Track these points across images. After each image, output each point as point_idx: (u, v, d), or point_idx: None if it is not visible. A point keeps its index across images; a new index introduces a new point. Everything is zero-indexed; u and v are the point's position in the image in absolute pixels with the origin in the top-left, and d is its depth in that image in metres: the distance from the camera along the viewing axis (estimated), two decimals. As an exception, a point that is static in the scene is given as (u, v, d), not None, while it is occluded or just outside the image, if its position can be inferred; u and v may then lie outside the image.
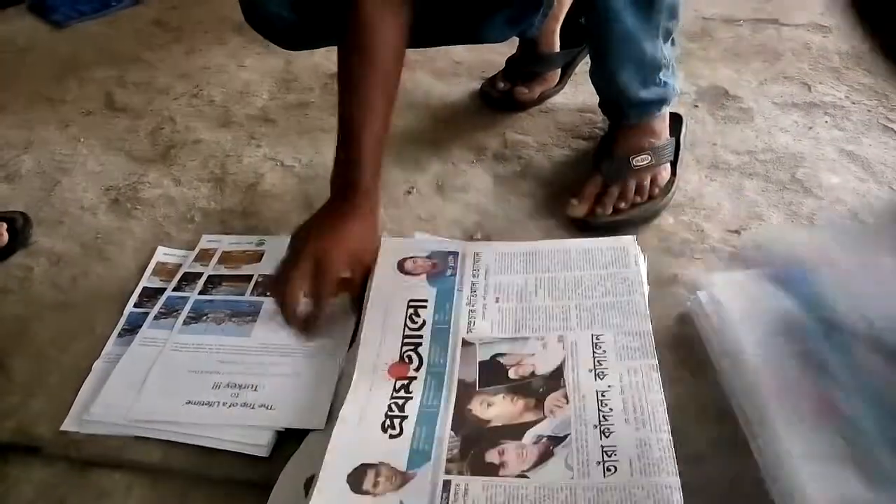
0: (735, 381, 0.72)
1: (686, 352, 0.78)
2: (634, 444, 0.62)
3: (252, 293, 0.86)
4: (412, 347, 0.74)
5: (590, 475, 0.61)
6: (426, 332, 0.76)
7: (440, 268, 0.83)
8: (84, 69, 1.39)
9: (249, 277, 0.88)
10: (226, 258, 0.92)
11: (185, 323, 0.83)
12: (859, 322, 0.69)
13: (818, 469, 0.62)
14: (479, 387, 0.71)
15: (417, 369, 0.72)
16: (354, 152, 0.81)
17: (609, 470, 0.61)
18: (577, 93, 1.19)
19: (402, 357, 0.74)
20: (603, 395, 0.67)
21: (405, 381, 0.71)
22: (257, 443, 0.70)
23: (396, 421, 0.67)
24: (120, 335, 0.83)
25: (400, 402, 0.69)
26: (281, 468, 0.67)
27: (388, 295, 0.80)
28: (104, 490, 0.69)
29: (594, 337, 0.73)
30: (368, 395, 0.70)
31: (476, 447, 0.65)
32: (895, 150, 1.06)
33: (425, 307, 0.78)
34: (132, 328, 0.83)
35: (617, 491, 0.59)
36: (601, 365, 0.71)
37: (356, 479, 0.62)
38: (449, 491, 0.61)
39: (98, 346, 0.82)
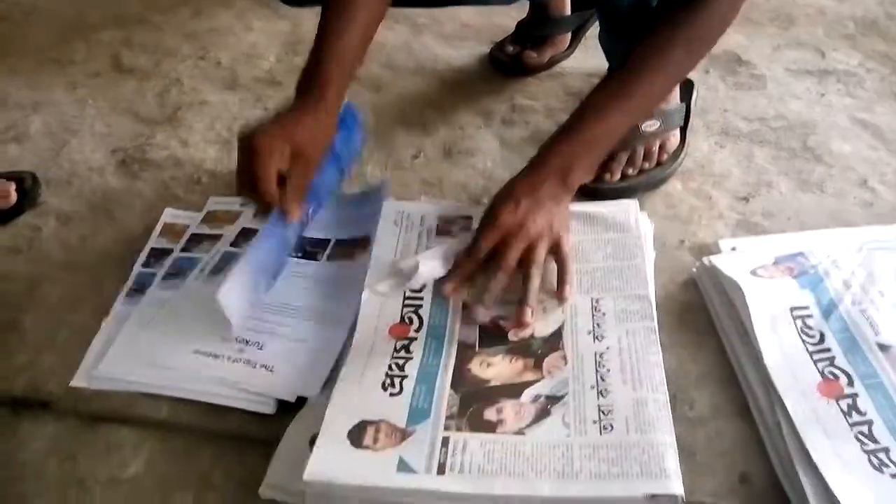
0: (738, 347, 0.72)
1: (691, 317, 0.78)
2: (631, 404, 0.63)
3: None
4: (413, 309, 0.75)
5: (586, 433, 0.61)
6: (427, 293, 0.76)
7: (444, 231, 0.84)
8: (91, 31, 1.38)
9: None
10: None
11: (211, 273, 0.83)
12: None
13: (819, 438, 0.62)
14: (479, 348, 0.71)
15: (418, 330, 0.73)
16: (322, 59, 0.79)
17: (605, 428, 0.61)
18: (588, 57, 1.18)
19: (402, 318, 0.74)
20: (601, 357, 0.68)
21: (406, 342, 0.72)
22: (264, 400, 0.71)
23: (397, 380, 0.68)
24: (128, 295, 0.84)
25: (400, 361, 0.70)
26: (287, 425, 0.68)
27: (389, 256, 0.80)
28: (113, 444, 0.70)
29: (594, 300, 0.74)
30: (369, 355, 0.70)
31: (475, 405, 0.65)
32: (909, 119, 1.05)
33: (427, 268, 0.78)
34: (140, 288, 0.84)
35: (613, 448, 0.60)
36: (600, 327, 0.71)
37: (356, 435, 0.63)
38: (447, 447, 0.61)
39: (106, 305, 0.83)
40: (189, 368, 0.73)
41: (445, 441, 0.62)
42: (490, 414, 0.64)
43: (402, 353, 0.71)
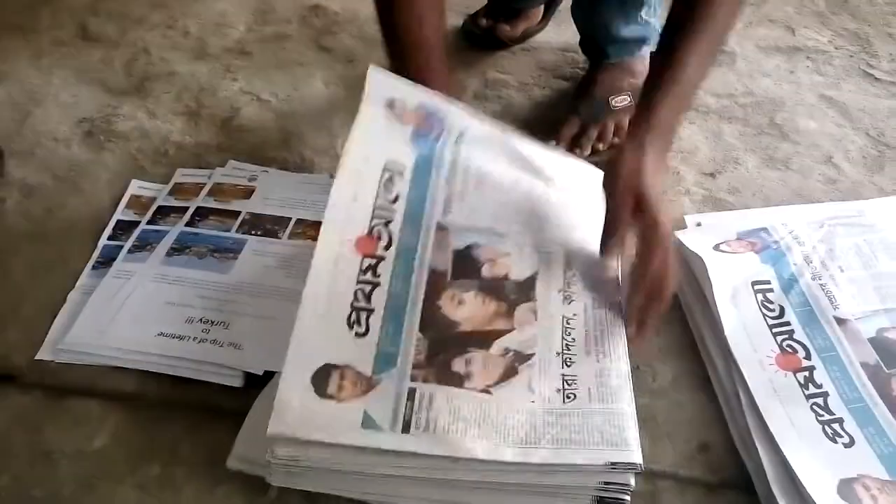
0: (700, 320, 0.73)
1: (655, 291, 0.79)
2: (594, 374, 0.63)
3: (238, 230, 0.85)
4: (383, 222, 0.69)
5: (550, 400, 0.62)
6: (399, 208, 0.70)
7: (427, 126, 0.74)
8: (56, -3, 1.35)
9: (237, 214, 0.88)
10: (216, 191, 0.91)
11: (167, 254, 0.82)
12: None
13: (776, 408, 0.64)
14: (451, 278, 0.68)
15: (387, 248, 0.67)
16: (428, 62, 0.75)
17: (569, 397, 0.62)
18: (561, 31, 1.18)
19: (371, 231, 0.67)
20: (568, 323, 0.68)
21: (373, 261, 0.66)
22: (232, 373, 0.71)
23: (363, 315, 0.64)
24: (94, 267, 0.83)
25: (367, 288, 0.65)
26: (255, 397, 0.68)
27: (369, 142, 0.71)
28: (80, 417, 0.70)
29: (567, 257, 0.73)
30: (334, 273, 0.64)
31: (443, 353, 0.63)
32: (874, 97, 1.06)
33: (402, 176, 0.71)
34: (106, 260, 0.83)
35: (575, 416, 0.60)
36: (570, 287, 0.70)
37: (320, 381, 0.60)
38: (413, 400, 0.60)
39: (72, 278, 0.82)
40: (154, 351, 0.73)
41: (411, 393, 0.60)
42: (458, 365, 0.63)
43: (369, 276, 0.65)
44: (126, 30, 1.25)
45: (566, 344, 0.66)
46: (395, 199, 0.70)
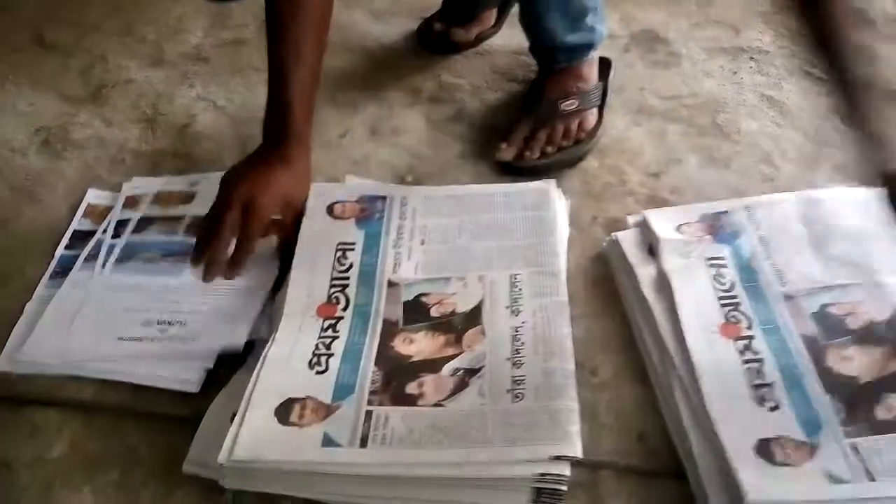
0: (639, 316, 0.77)
1: (599, 289, 0.82)
2: (541, 374, 0.67)
3: (184, 233, 0.87)
4: (340, 289, 0.78)
5: (499, 402, 0.66)
6: (353, 273, 0.79)
7: (369, 212, 0.86)
8: (11, 3, 1.34)
9: (181, 218, 0.89)
10: (158, 199, 0.93)
11: (117, 261, 0.84)
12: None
13: (712, 369, 0.68)
14: (403, 325, 0.75)
15: (345, 309, 0.76)
16: (285, 97, 0.82)
17: (517, 397, 0.66)
18: (514, 35, 1.19)
19: (329, 298, 0.77)
20: (517, 331, 0.72)
21: (333, 321, 0.75)
22: (188, 379, 0.73)
23: (323, 358, 0.71)
24: (51, 277, 0.84)
25: (327, 340, 0.73)
26: (209, 403, 0.70)
27: (317, 238, 0.83)
28: (38, 426, 0.72)
29: (512, 276, 0.77)
30: (297, 335, 0.73)
31: (397, 380, 0.69)
32: (814, 96, 1.10)
33: (353, 250, 0.82)
34: (63, 270, 0.84)
35: (523, 414, 0.64)
36: (517, 302, 0.75)
37: (283, 412, 0.66)
38: (370, 420, 0.65)
39: (29, 288, 0.83)
40: (114, 355, 0.75)
41: (368, 415, 0.65)
42: (411, 388, 0.68)
43: (329, 333, 0.74)
44: (82, 36, 1.25)
45: (515, 349, 0.70)
46: (349, 268, 0.80)
